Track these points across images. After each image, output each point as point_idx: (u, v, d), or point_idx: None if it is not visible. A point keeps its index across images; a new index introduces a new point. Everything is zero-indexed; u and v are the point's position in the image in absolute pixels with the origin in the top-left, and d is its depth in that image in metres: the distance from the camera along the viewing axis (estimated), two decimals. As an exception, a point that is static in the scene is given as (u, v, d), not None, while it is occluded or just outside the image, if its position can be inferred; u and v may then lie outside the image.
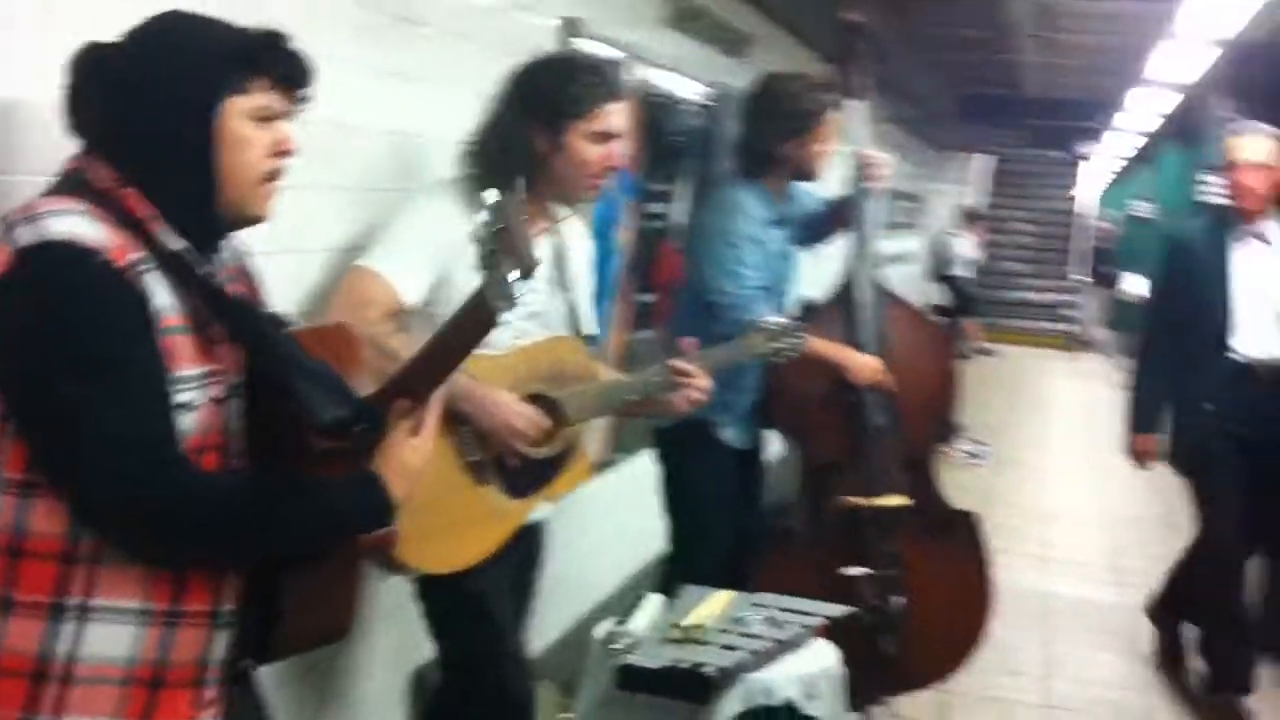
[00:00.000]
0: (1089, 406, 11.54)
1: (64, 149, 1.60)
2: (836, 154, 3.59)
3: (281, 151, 1.64)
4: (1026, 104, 12.89)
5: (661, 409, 2.82)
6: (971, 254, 14.49)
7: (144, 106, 1.55)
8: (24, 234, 1.47)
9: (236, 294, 1.68)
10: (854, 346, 3.52)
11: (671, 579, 3.29)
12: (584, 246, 2.87)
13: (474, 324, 1.67)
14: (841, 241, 3.70)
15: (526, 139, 2.55)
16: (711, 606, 2.88)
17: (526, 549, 2.75)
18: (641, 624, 2.78)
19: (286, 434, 1.64)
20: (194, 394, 1.55)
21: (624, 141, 2.65)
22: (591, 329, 2.80)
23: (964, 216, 15.31)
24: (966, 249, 14.43)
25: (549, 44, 3.43)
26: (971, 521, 3.74)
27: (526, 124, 2.55)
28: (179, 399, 1.53)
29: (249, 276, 1.79)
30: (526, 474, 2.55)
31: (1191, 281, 4.05)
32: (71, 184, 1.55)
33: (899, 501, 3.57)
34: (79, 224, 1.48)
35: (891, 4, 6.62)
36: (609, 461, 4.32)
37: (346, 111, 2.54)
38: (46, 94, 1.63)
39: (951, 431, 3.92)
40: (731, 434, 3.57)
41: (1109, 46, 8.64)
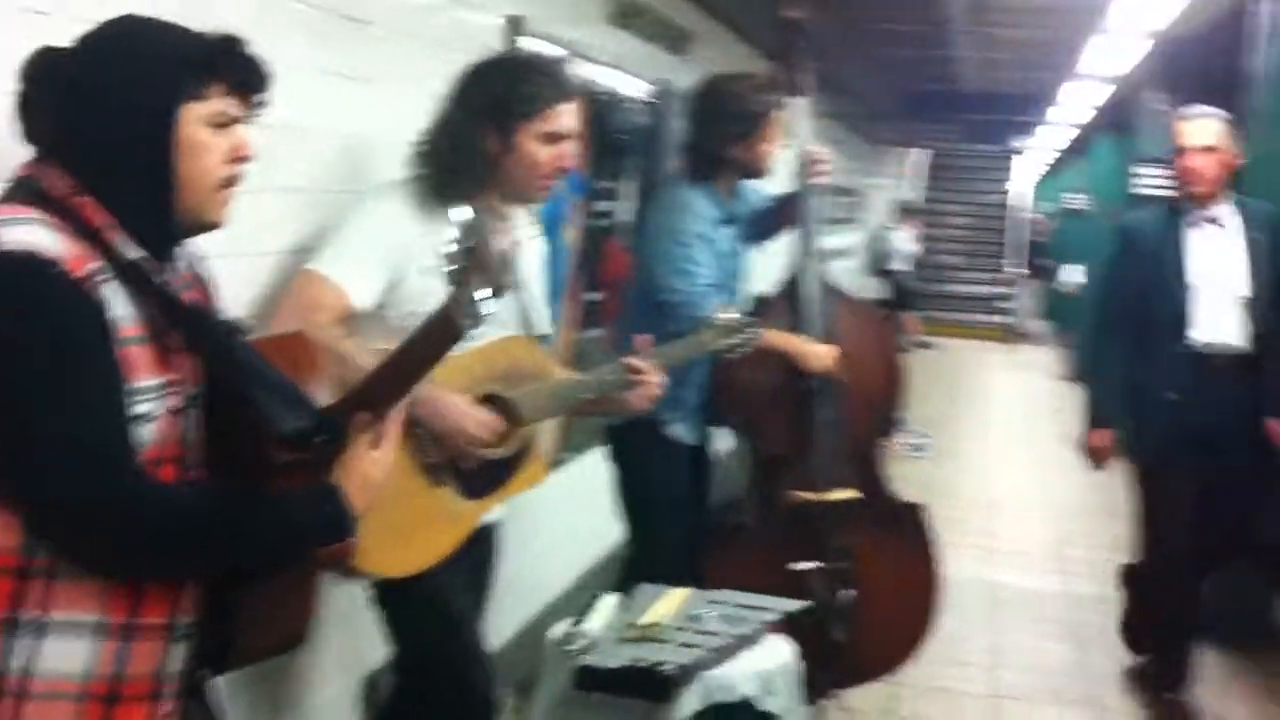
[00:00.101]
0: (1028, 398, 11.70)
1: (15, 155, 1.57)
2: (781, 151, 3.61)
3: (239, 157, 1.62)
4: (961, 98, 13.01)
5: (617, 407, 2.82)
6: (909, 248, 14.65)
7: (99, 113, 1.53)
8: (-21, 243, 1.44)
9: (193, 302, 1.66)
10: (802, 341, 3.54)
11: (630, 577, 3.29)
12: (536, 246, 2.86)
13: (438, 339, 1.67)
14: (787, 237, 3.72)
15: (477, 140, 2.53)
16: (668, 604, 2.89)
17: (481, 550, 2.74)
18: (597, 624, 2.78)
19: (246, 445, 1.62)
20: (152, 405, 1.53)
21: (575, 142, 2.64)
22: (545, 328, 2.80)
23: (900, 211, 15.47)
24: (904, 243, 14.58)
25: (493, 42, 3.42)
26: (920, 513, 3.77)
27: (477, 124, 2.53)
28: (136, 410, 1.51)
29: (204, 283, 1.76)
30: (482, 475, 2.53)
31: (1145, 270, 3.97)
32: (25, 191, 1.52)
33: (849, 495, 3.59)
34: (35, 233, 1.46)
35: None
36: (559, 460, 4.31)
37: (296, 113, 2.51)
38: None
39: (895, 424, 3.92)
40: (681, 430, 3.57)
41: (1041, 40, 8.73)
